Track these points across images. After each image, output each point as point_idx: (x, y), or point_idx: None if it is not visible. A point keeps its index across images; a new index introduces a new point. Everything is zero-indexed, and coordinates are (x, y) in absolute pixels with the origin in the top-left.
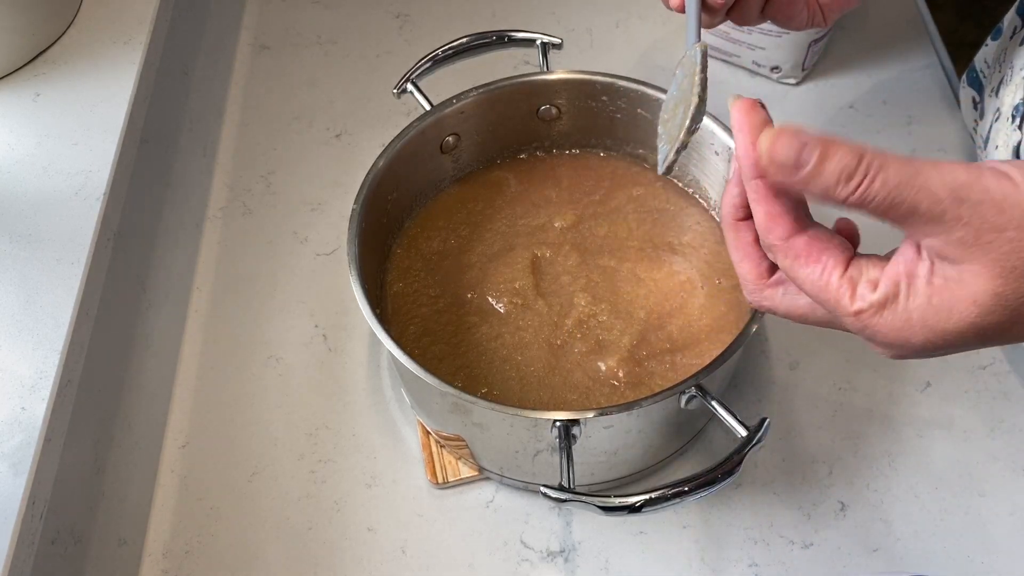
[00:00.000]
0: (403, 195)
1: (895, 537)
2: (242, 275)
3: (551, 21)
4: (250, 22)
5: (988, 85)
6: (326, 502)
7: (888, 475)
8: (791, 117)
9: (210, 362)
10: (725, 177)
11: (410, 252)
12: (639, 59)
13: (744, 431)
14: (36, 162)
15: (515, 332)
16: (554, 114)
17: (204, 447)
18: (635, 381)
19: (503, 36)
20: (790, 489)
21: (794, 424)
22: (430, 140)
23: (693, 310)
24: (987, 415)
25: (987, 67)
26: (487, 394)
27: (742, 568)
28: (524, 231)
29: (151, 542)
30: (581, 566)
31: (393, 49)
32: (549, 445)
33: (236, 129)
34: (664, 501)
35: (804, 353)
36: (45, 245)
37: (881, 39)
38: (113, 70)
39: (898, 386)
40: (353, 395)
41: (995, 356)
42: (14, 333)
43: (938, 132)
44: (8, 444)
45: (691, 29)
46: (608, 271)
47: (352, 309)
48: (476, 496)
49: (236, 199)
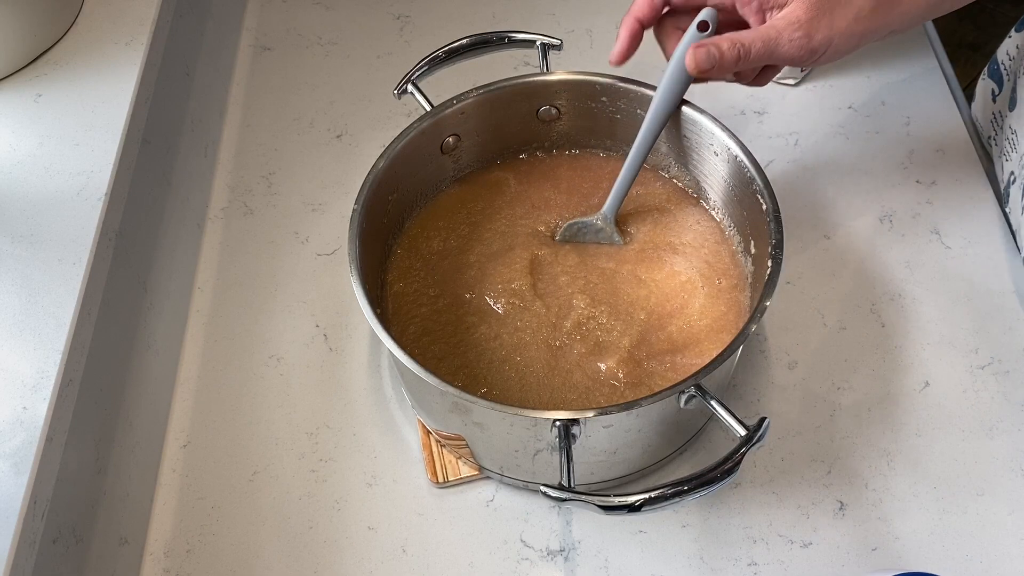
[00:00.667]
0: (403, 195)
1: (894, 536)
2: (243, 275)
3: (551, 22)
4: (251, 23)
5: (1017, 74)
6: (327, 501)
7: (887, 475)
8: (790, 118)
9: (211, 362)
10: (725, 178)
11: (410, 252)
12: (639, 59)
13: (743, 431)
14: (38, 163)
15: (513, 333)
16: (554, 115)
17: (205, 446)
18: (635, 381)
19: (503, 37)
20: (789, 488)
21: (793, 424)
22: (430, 141)
23: (693, 310)
24: (986, 415)
25: (1009, 59)
26: (487, 394)
27: (741, 567)
28: (524, 231)
29: (152, 541)
30: (581, 565)
31: (394, 50)
32: (549, 444)
33: (237, 130)
34: (664, 500)
35: (803, 353)
36: (47, 245)
37: (880, 40)
38: (114, 71)
39: (897, 386)
40: (354, 394)
41: (994, 356)
42: (16, 333)
43: (937, 132)
44: (10, 444)
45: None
46: (607, 273)
47: (353, 309)
48: (476, 495)
49: (237, 199)
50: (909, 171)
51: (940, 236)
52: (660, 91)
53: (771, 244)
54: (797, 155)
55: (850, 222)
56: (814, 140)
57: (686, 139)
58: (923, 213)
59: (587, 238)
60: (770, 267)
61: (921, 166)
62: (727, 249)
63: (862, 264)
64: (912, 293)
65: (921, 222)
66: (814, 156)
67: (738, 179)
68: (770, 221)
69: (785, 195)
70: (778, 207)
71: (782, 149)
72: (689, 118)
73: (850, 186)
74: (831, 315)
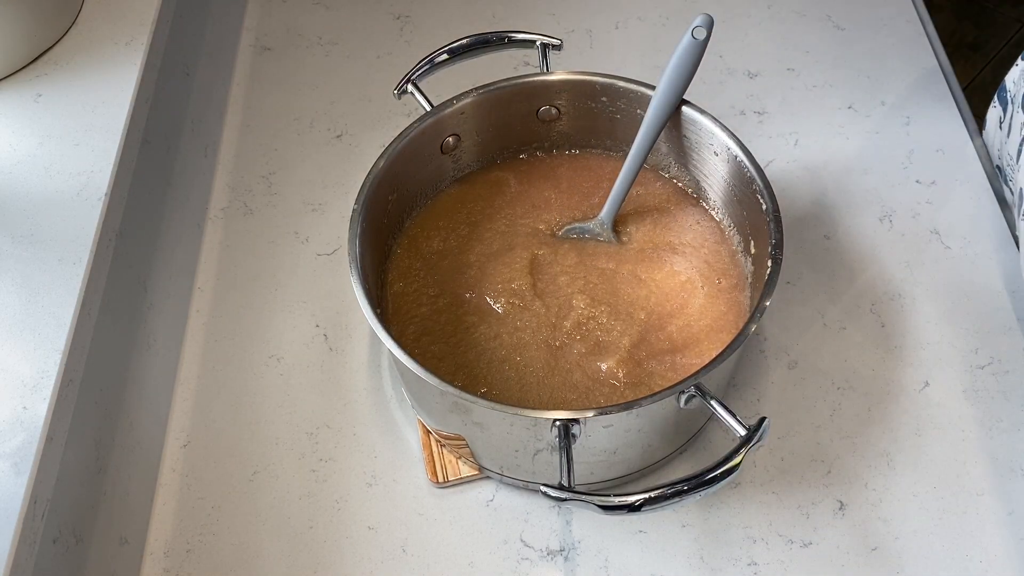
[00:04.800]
0: (403, 195)
1: (893, 536)
2: (243, 275)
3: (551, 22)
4: (251, 23)
5: (1015, 103)
6: (327, 501)
7: (887, 474)
8: (790, 118)
9: (211, 362)
10: (725, 178)
11: (410, 252)
12: (639, 59)
13: (743, 430)
14: (38, 163)
15: (513, 332)
16: (554, 115)
17: (205, 446)
18: (635, 381)
19: (503, 37)
20: (789, 488)
21: (793, 424)
22: (430, 141)
23: (693, 310)
24: (986, 415)
25: (1014, 85)
26: (486, 394)
27: (741, 567)
28: (523, 231)
29: (152, 541)
30: (581, 565)
31: (394, 50)
32: (549, 444)
33: (237, 130)
34: (663, 500)
35: (803, 353)
36: (47, 245)
37: (880, 40)
38: (115, 71)
39: (896, 386)
40: (354, 394)
41: (994, 356)
42: (16, 333)
43: (937, 133)
44: (10, 444)
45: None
46: (607, 273)
47: (353, 309)
48: (476, 495)
49: (237, 199)
50: (909, 171)
51: (940, 236)
52: (660, 91)
53: (771, 244)
54: (797, 155)
55: (850, 222)
56: (814, 140)
57: (686, 139)
58: (923, 213)
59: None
60: (770, 267)
61: (921, 166)
62: (727, 249)
63: (862, 264)
64: (912, 293)
65: (921, 222)
66: (814, 156)
67: (738, 179)
68: (770, 221)
69: (785, 195)
70: (778, 207)
71: (782, 149)
72: (689, 118)
73: (850, 186)
74: (831, 315)
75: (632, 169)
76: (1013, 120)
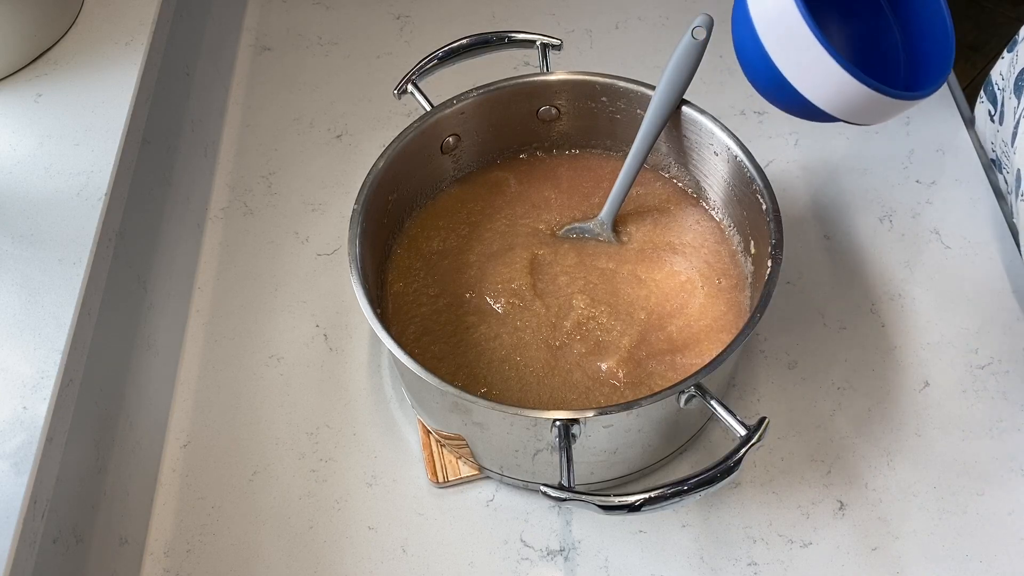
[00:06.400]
0: (403, 195)
1: (893, 536)
2: (243, 275)
3: (551, 22)
4: (251, 23)
5: (1005, 91)
6: (327, 501)
7: (887, 474)
8: (790, 118)
9: (211, 362)
10: (725, 178)
11: (410, 252)
12: (639, 59)
13: (743, 430)
14: (38, 163)
15: (513, 332)
16: (554, 115)
17: (205, 446)
18: (635, 381)
19: (503, 37)
20: (789, 488)
21: (793, 424)
22: (430, 141)
23: (693, 310)
24: (986, 415)
25: (1002, 79)
26: (486, 394)
27: (741, 567)
28: (523, 231)
29: (152, 541)
30: (581, 565)
31: (393, 50)
32: (549, 444)
33: (237, 130)
34: (663, 500)
35: (803, 353)
36: (47, 245)
37: None
38: (115, 71)
39: (896, 386)
40: (354, 394)
41: (994, 356)
42: (16, 333)
43: (937, 132)
44: (10, 444)
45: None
46: (607, 272)
47: (353, 309)
48: (476, 495)
49: (237, 199)
50: (909, 171)
51: (940, 236)
52: (660, 91)
53: (771, 244)
54: (797, 155)
55: (850, 222)
56: (814, 140)
57: (686, 139)
58: (923, 213)
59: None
60: (770, 267)
61: (921, 166)
62: (727, 249)
63: (862, 264)
64: (912, 293)
65: (921, 222)
66: (814, 156)
67: (738, 179)
68: (770, 221)
69: (785, 195)
70: (778, 207)
71: (782, 149)
72: (689, 118)
73: (850, 186)
74: (831, 315)
75: (632, 169)
76: (1005, 107)
